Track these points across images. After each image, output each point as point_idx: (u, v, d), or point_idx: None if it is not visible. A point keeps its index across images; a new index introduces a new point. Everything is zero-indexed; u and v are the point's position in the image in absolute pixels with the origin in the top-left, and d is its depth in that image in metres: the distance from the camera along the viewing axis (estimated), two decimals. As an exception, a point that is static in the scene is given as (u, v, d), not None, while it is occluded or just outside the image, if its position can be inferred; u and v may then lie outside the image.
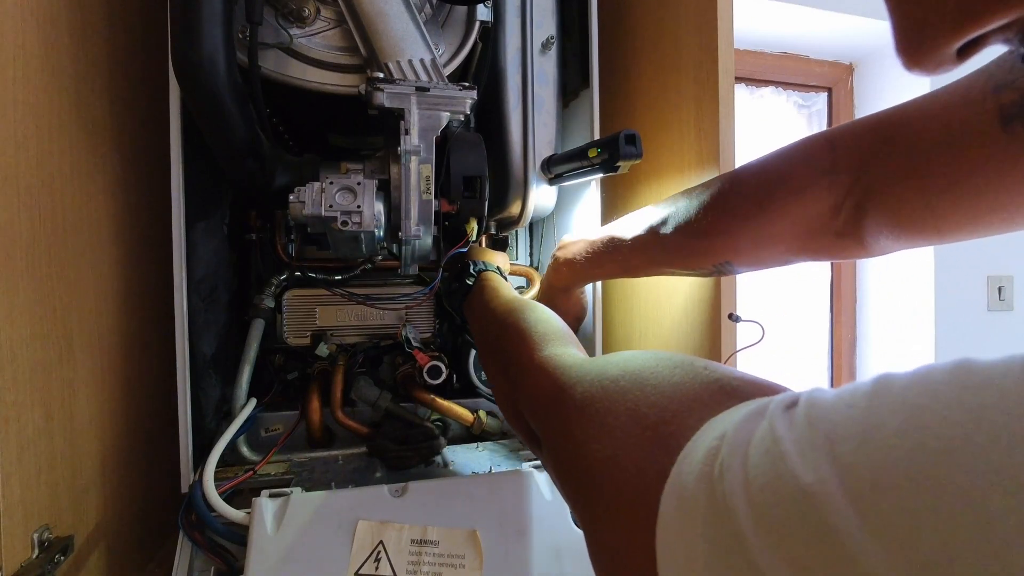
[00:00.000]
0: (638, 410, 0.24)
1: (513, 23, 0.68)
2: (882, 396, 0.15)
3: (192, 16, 0.46)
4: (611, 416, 0.25)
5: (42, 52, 0.48)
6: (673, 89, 0.71)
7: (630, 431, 0.23)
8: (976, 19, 0.15)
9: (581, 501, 0.26)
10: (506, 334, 0.44)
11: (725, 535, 0.16)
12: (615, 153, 0.56)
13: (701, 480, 0.17)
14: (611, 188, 0.82)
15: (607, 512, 0.23)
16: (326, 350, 0.73)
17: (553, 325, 0.43)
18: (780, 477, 0.15)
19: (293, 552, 0.51)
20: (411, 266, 0.62)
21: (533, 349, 0.38)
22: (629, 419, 0.24)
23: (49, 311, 0.48)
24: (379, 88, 0.53)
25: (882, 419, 0.14)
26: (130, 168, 0.63)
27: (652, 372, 0.25)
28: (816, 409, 0.16)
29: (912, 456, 0.13)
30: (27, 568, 0.44)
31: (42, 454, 0.47)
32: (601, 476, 0.24)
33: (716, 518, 0.16)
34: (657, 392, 0.24)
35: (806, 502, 0.14)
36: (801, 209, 0.42)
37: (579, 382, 0.29)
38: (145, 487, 0.66)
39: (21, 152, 0.45)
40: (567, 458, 0.28)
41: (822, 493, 0.14)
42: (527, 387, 0.36)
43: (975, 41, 0.16)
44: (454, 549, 0.54)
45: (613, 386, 0.26)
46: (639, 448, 0.22)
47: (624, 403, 0.25)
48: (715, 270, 0.49)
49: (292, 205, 0.53)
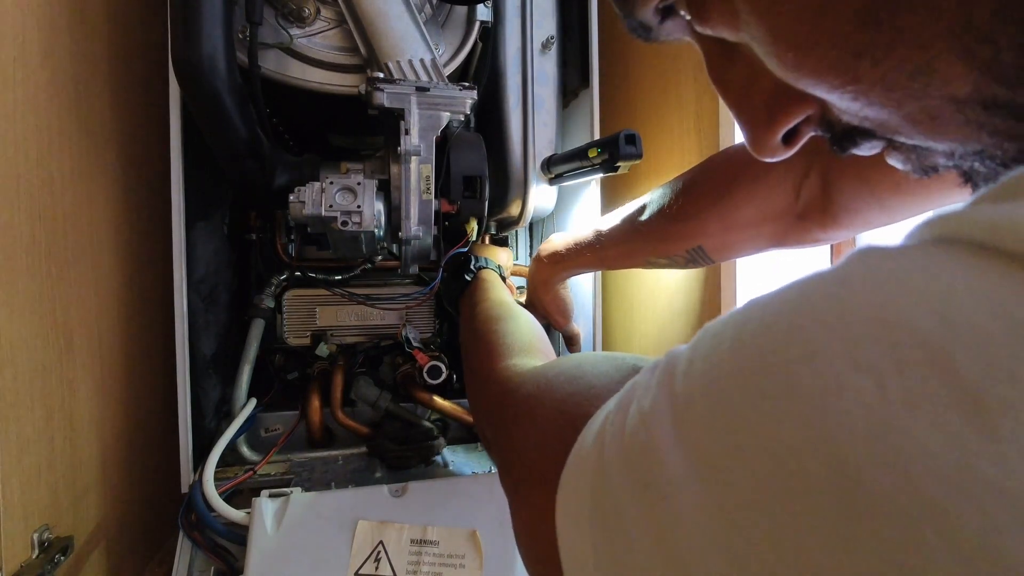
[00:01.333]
0: (563, 401, 0.26)
1: (513, 23, 0.68)
2: (715, 327, 0.15)
3: (192, 16, 0.46)
4: (540, 409, 0.27)
5: (42, 52, 0.48)
6: (673, 89, 0.71)
7: (555, 420, 0.25)
8: (778, 120, 0.20)
9: (510, 489, 0.28)
10: (479, 343, 0.46)
11: (601, 482, 0.16)
12: (615, 153, 0.56)
13: (596, 440, 0.18)
14: (611, 188, 0.82)
15: (528, 493, 0.25)
16: (326, 350, 0.73)
17: (523, 336, 0.44)
18: (635, 415, 0.16)
19: (293, 552, 0.51)
20: (411, 266, 0.62)
21: (496, 361, 0.40)
22: (554, 409, 0.26)
23: (49, 311, 0.48)
24: (379, 88, 0.53)
25: (715, 342, 0.14)
26: (130, 168, 0.63)
27: (581, 368, 0.27)
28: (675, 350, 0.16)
29: (713, 372, 0.14)
30: (27, 568, 0.44)
31: (42, 454, 0.47)
32: (527, 461, 0.25)
33: (599, 469, 0.17)
34: (582, 383, 0.26)
35: (643, 430, 0.15)
36: (764, 192, 0.44)
37: (522, 385, 0.32)
38: (145, 487, 0.66)
39: (21, 152, 0.45)
40: (504, 451, 0.30)
41: (653, 415, 0.15)
42: (483, 399, 0.38)
43: (795, 131, 0.21)
44: (454, 549, 0.54)
45: (546, 384, 0.29)
46: (560, 432, 0.23)
47: (552, 396, 0.27)
48: (689, 257, 0.50)
49: (292, 205, 0.53)
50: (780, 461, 0.11)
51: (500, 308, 0.52)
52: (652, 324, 0.76)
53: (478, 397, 0.41)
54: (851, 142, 0.20)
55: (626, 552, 0.14)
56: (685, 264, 0.52)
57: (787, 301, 0.13)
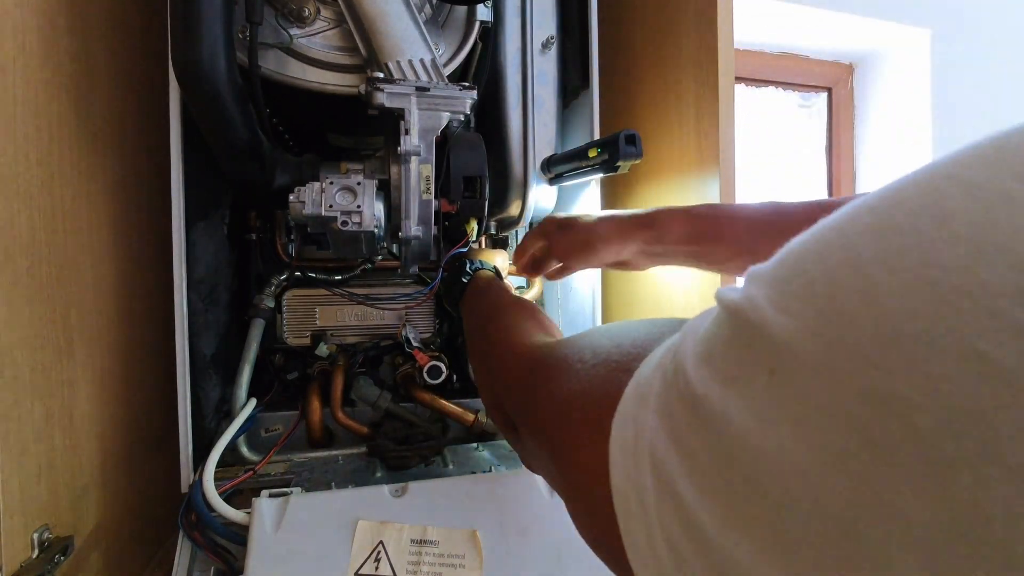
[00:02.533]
0: (606, 350, 0.25)
1: (513, 23, 0.68)
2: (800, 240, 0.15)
3: (192, 16, 0.46)
4: (579, 361, 0.26)
5: (42, 52, 0.48)
6: (673, 89, 0.71)
7: (597, 368, 0.24)
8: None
9: (553, 442, 0.26)
10: (491, 328, 0.45)
11: (674, 396, 0.16)
12: (615, 153, 0.56)
13: (657, 369, 0.18)
14: (611, 188, 0.82)
15: (577, 439, 0.23)
16: (326, 350, 0.73)
17: (540, 319, 0.44)
18: (719, 313, 0.16)
19: (293, 552, 0.51)
20: (411, 266, 0.62)
21: (515, 339, 0.39)
22: (596, 359, 0.25)
23: (49, 311, 0.48)
24: (379, 88, 0.53)
25: (800, 249, 0.15)
26: (130, 168, 0.63)
27: (618, 326, 0.27)
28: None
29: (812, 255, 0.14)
30: (27, 568, 0.44)
31: (42, 454, 0.47)
32: (570, 410, 0.24)
33: (667, 387, 0.17)
34: (623, 335, 0.25)
35: (737, 315, 0.15)
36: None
37: (553, 350, 0.31)
38: (145, 487, 0.66)
39: (21, 152, 0.45)
40: (540, 410, 0.28)
41: (746, 302, 0.15)
42: (504, 371, 0.36)
43: None
44: (454, 549, 0.53)
45: (582, 340, 0.28)
46: (606, 378, 0.22)
47: (592, 348, 0.26)
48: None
49: (292, 205, 0.53)
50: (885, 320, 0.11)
51: (511, 297, 0.52)
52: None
53: (494, 376, 0.39)
54: None
55: (689, 473, 0.14)
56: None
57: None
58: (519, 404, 0.32)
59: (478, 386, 0.48)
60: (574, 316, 0.79)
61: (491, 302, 0.52)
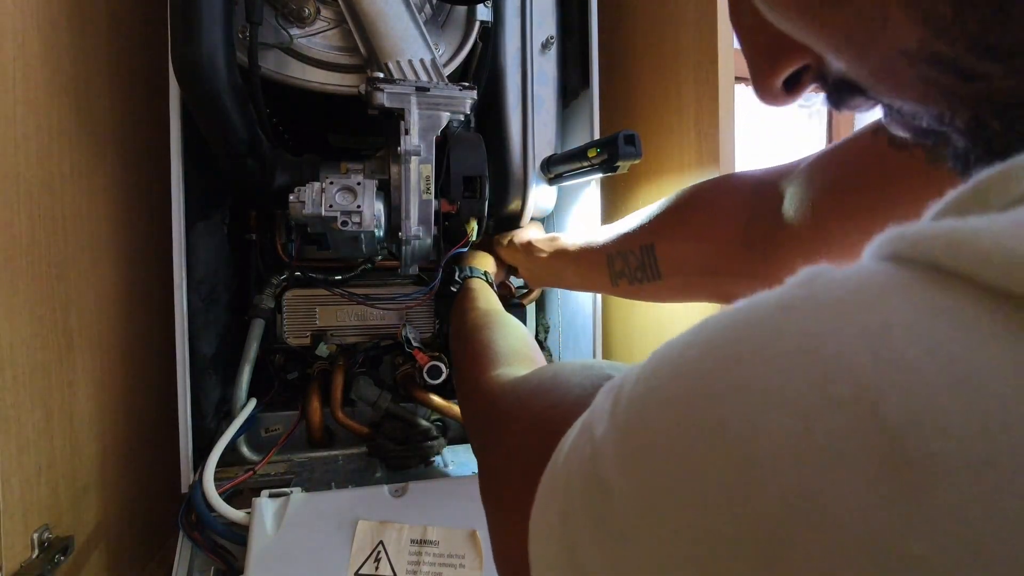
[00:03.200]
0: (538, 416, 0.25)
1: (513, 23, 0.68)
2: (665, 348, 0.14)
3: (192, 16, 0.46)
4: (516, 423, 0.26)
5: (42, 52, 0.48)
6: (673, 89, 0.71)
7: (528, 435, 0.24)
8: (779, 64, 0.21)
9: (489, 505, 0.27)
10: (466, 352, 0.46)
11: (567, 507, 0.15)
12: (614, 153, 0.56)
13: (571, 453, 0.17)
14: (611, 188, 0.82)
15: (501, 510, 0.24)
16: (326, 350, 0.73)
17: (510, 344, 0.44)
18: (589, 442, 0.15)
19: (293, 552, 0.51)
20: (411, 266, 0.62)
21: (484, 369, 0.40)
22: (530, 424, 0.25)
23: (49, 311, 0.48)
24: (379, 88, 0.53)
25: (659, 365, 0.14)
26: (130, 168, 0.63)
27: (556, 380, 0.26)
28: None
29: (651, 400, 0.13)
30: (27, 568, 0.44)
31: (42, 454, 0.47)
32: (501, 477, 0.25)
33: (566, 493, 0.16)
34: (556, 396, 0.25)
35: (593, 460, 0.14)
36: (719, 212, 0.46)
37: (502, 397, 0.31)
38: (145, 487, 0.66)
39: (21, 152, 0.45)
40: (482, 465, 0.29)
41: (602, 445, 0.14)
42: (469, 409, 0.38)
43: (797, 81, 0.21)
44: (454, 549, 0.54)
45: (526, 396, 0.28)
46: (533, 448, 0.22)
47: (530, 410, 0.26)
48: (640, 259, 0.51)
49: (292, 205, 0.53)
50: (702, 513, 0.11)
51: (487, 317, 0.52)
52: (651, 327, 0.76)
53: (465, 407, 0.41)
54: (841, 98, 0.20)
55: None
56: (635, 271, 0.52)
57: (732, 326, 0.13)
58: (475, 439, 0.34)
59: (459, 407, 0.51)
60: (574, 316, 0.79)
61: (470, 323, 0.52)
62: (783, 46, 0.20)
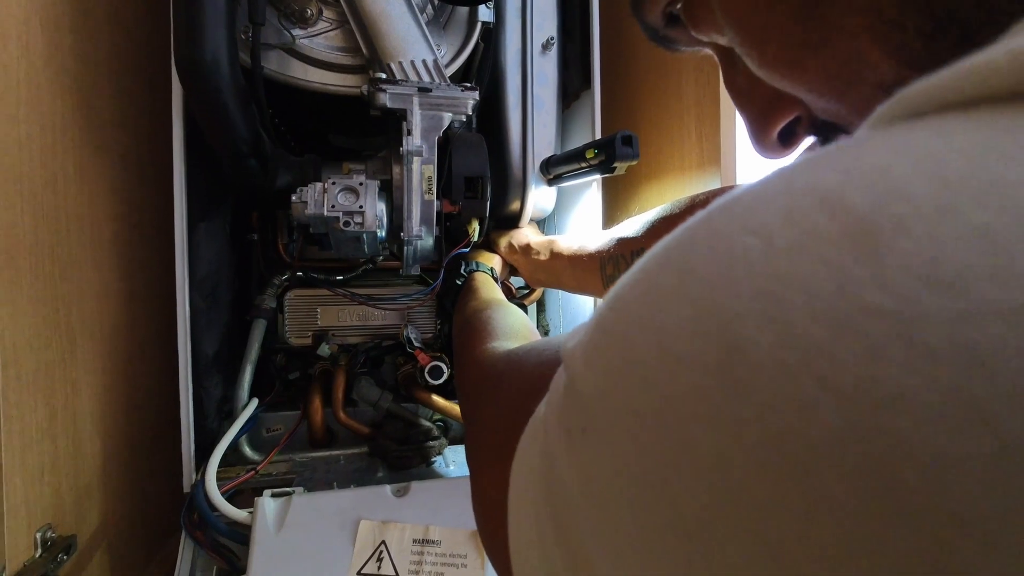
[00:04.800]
0: (529, 374, 0.25)
1: (514, 24, 0.68)
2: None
3: (195, 17, 0.46)
4: (507, 384, 0.27)
5: (46, 53, 0.48)
6: (674, 91, 0.71)
7: (518, 393, 0.25)
8: (772, 120, 0.22)
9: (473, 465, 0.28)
10: (467, 329, 0.46)
11: (540, 443, 0.15)
12: (612, 154, 0.56)
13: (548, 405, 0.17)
14: (613, 189, 0.82)
15: (486, 462, 0.24)
16: (328, 350, 0.73)
17: (508, 323, 0.44)
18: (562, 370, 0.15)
19: (295, 552, 0.51)
20: (413, 266, 0.62)
21: (478, 344, 0.40)
22: (519, 382, 0.26)
23: (52, 311, 0.48)
24: (381, 89, 0.53)
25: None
26: (133, 168, 0.63)
27: (550, 343, 0.28)
28: None
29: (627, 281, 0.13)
30: (30, 567, 0.44)
31: (45, 454, 0.47)
32: (489, 435, 0.25)
33: (544, 432, 0.16)
34: (548, 355, 0.25)
35: (565, 364, 0.14)
36: None
37: (496, 363, 0.32)
38: (148, 487, 0.66)
39: (25, 153, 0.45)
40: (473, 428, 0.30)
41: (568, 352, 0.14)
42: (464, 381, 0.38)
43: (793, 133, 0.23)
44: (456, 549, 0.54)
45: (516, 359, 0.29)
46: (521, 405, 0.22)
47: (520, 371, 0.27)
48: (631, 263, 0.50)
49: (294, 205, 0.53)
50: (668, 351, 0.10)
51: (490, 303, 0.53)
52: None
53: (460, 380, 0.41)
54: (829, 138, 0.21)
55: (565, 512, 0.13)
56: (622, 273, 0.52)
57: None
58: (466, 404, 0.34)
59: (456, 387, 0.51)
60: (574, 317, 0.79)
61: (471, 308, 0.53)
62: (775, 101, 0.22)
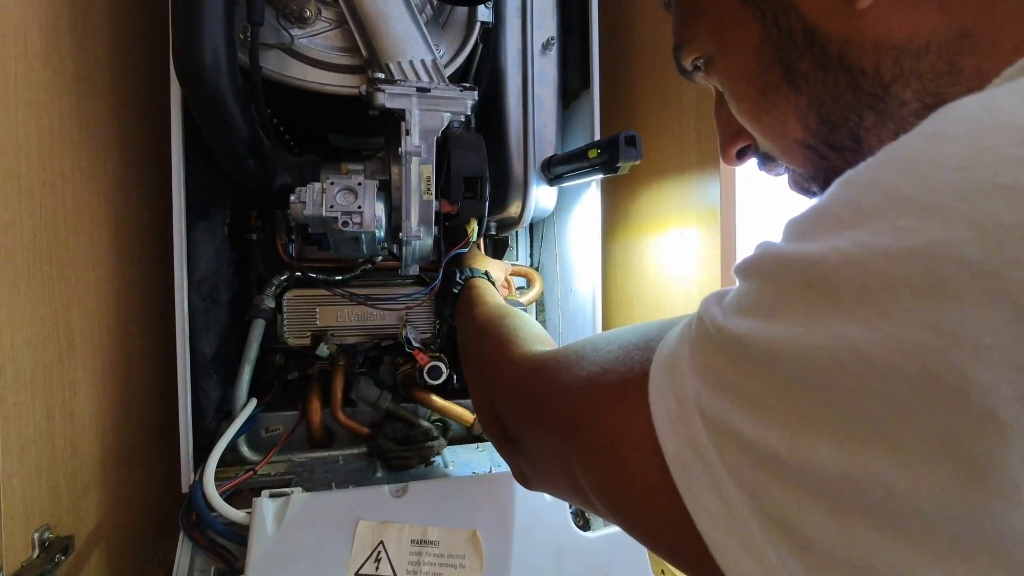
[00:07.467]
0: (615, 340, 0.27)
1: (513, 24, 0.68)
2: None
3: (194, 17, 0.46)
4: (592, 349, 0.28)
5: (44, 53, 0.48)
6: (674, 91, 0.71)
7: (612, 352, 0.25)
8: (735, 142, 0.34)
9: (576, 423, 0.26)
10: (486, 339, 0.45)
11: (711, 351, 0.18)
12: (615, 154, 0.56)
13: (679, 342, 0.20)
14: (612, 189, 0.82)
15: (600, 410, 0.24)
16: (326, 350, 0.73)
17: (533, 330, 0.43)
18: (740, 279, 0.19)
19: (293, 552, 0.51)
20: (411, 267, 0.62)
21: (510, 351, 0.39)
22: (610, 345, 0.26)
23: (50, 311, 0.48)
24: (380, 89, 0.53)
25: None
26: (131, 169, 0.63)
27: (612, 331, 0.29)
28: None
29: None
30: (28, 568, 0.44)
31: (43, 454, 0.47)
32: (591, 387, 0.25)
33: (699, 349, 0.19)
34: (622, 333, 0.27)
35: (761, 263, 0.18)
36: None
37: (555, 352, 0.32)
38: (146, 487, 0.66)
39: (23, 153, 0.45)
40: (552, 404, 0.28)
41: (762, 252, 0.18)
42: (502, 382, 0.37)
43: (744, 154, 0.35)
44: (454, 549, 0.54)
45: (582, 342, 0.30)
46: (623, 359, 0.24)
47: (597, 342, 0.28)
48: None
49: (293, 205, 0.53)
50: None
51: (502, 310, 0.52)
52: (652, 325, 0.76)
53: (491, 386, 0.38)
54: (766, 163, 0.33)
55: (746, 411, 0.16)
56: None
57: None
58: (524, 408, 0.32)
59: (473, 402, 0.48)
60: (574, 317, 0.79)
61: (483, 315, 0.52)
62: (740, 132, 0.33)
